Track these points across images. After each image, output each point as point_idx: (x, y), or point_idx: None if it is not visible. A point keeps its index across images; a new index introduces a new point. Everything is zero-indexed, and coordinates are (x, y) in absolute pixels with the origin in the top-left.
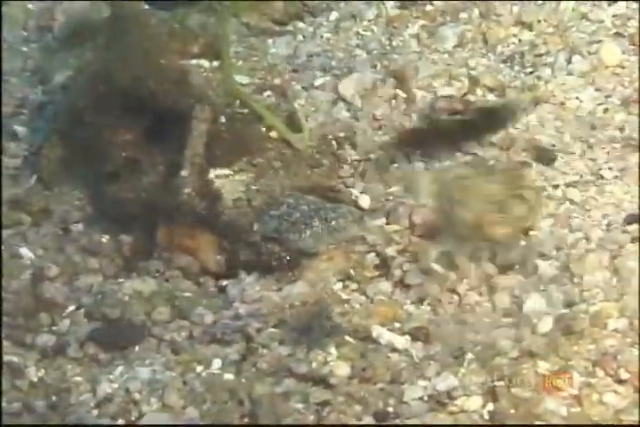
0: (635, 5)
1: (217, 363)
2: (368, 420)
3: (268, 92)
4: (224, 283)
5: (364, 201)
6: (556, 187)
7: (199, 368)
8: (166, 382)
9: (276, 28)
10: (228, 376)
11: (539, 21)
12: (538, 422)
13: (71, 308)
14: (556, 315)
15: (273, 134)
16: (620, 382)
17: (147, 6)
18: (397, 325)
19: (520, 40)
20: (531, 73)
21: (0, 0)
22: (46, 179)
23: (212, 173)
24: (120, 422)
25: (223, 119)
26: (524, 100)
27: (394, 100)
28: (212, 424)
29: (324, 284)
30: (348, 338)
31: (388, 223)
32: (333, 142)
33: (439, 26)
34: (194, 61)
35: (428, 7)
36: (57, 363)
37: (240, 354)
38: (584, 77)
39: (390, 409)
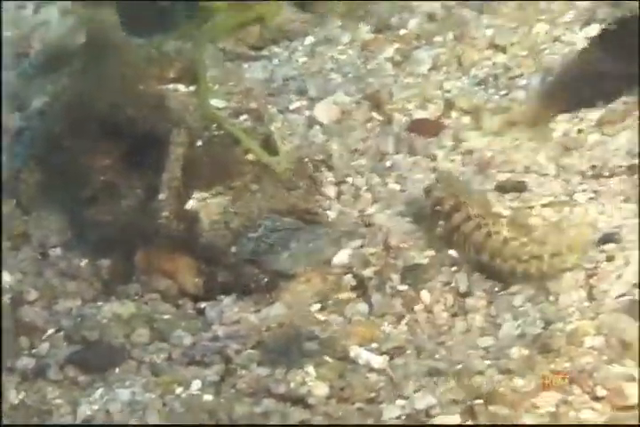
0: None
1: (196, 384)
2: None
3: (245, 116)
4: (202, 305)
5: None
6: (531, 208)
7: (179, 390)
8: (146, 403)
9: (251, 52)
10: (208, 397)
11: (512, 44)
12: None
13: (50, 331)
14: (533, 334)
15: (250, 157)
16: (597, 399)
17: (123, 33)
18: (375, 345)
19: (494, 63)
20: (505, 95)
21: None
22: (25, 203)
23: (190, 197)
24: None
25: (200, 143)
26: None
27: (369, 124)
28: (211, 424)
29: (302, 305)
30: (326, 358)
31: (362, 246)
32: (310, 165)
33: (414, 49)
34: (171, 86)
35: (403, 31)
36: (37, 386)
37: (219, 375)
38: None
39: None
